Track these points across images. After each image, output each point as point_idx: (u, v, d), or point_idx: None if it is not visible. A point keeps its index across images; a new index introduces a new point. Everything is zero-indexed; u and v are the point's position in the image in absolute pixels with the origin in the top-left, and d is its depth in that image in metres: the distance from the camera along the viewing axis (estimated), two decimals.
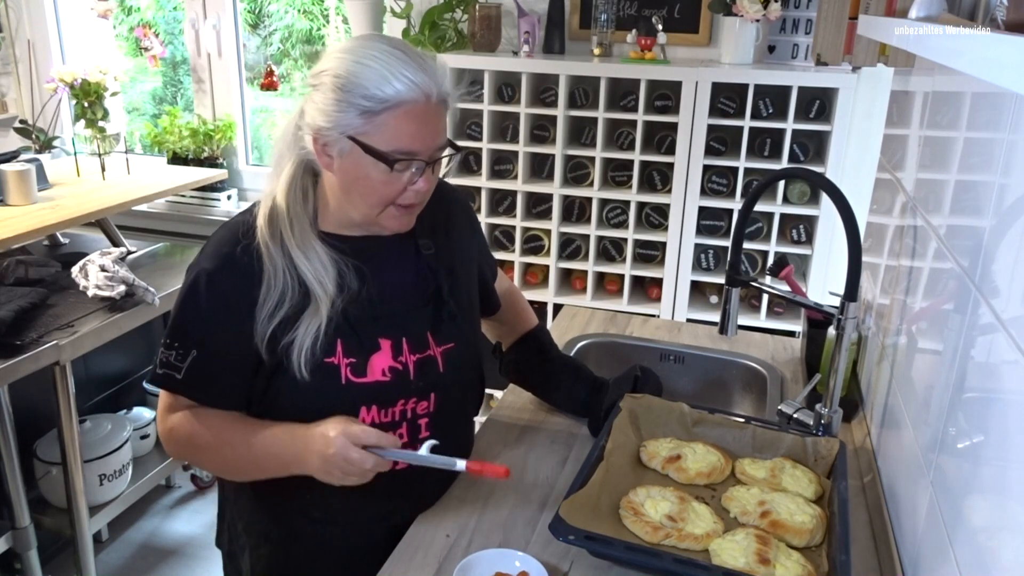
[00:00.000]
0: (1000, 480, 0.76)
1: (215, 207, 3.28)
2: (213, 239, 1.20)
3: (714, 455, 1.32)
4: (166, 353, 1.17)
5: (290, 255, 1.14)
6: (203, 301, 1.16)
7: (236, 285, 1.15)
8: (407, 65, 1.07)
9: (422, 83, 1.07)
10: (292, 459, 1.12)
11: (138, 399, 2.62)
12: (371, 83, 1.06)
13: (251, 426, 1.17)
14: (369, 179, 1.11)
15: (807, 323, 1.72)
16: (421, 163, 1.11)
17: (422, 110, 1.09)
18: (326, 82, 1.09)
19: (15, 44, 3.35)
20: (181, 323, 1.18)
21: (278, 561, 1.28)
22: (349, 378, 1.17)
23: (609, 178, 2.56)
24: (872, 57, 1.79)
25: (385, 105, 1.07)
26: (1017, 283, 0.76)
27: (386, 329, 1.20)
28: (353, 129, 1.08)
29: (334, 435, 1.07)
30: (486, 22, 2.59)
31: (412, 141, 1.09)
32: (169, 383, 1.18)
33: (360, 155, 1.09)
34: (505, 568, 1.09)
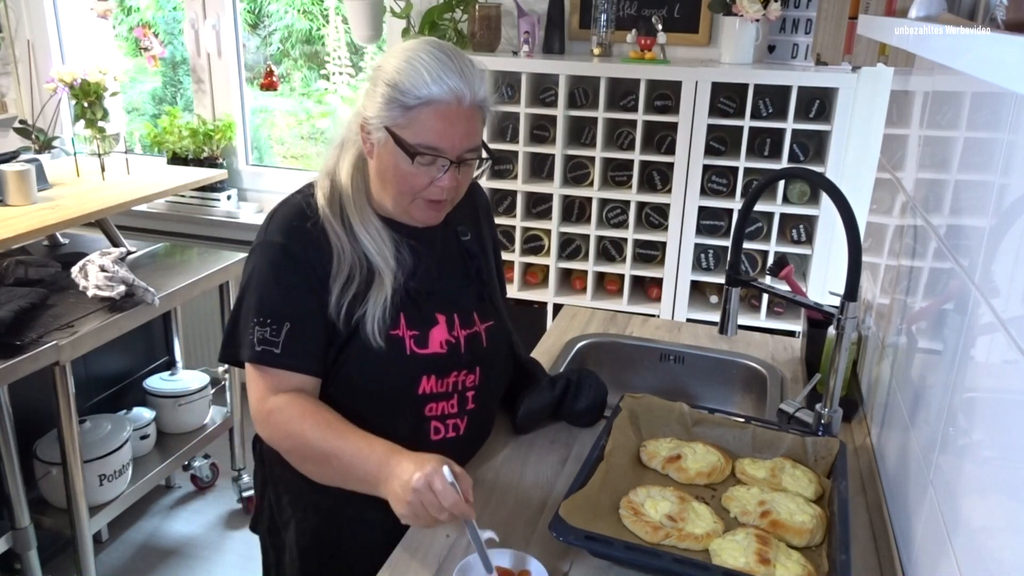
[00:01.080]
0: (1000, 480, 0.76)
1: (215, 207, 3.28)
2: (277, 216, 1.25)
3: (714, 455, 1.32)
4: (260, 330, 1.19)
5: (352, 231, 1.22)
6: (287, 273, 1.21)
7: (311, 257, 1.21)
8: (446, 68, 1.15)
9: (455, 86, 1.15)
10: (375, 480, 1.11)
11: (138, 399, 2.62)
12: (410, 81, 1.15)
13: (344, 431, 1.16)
14: (399, 169, 1.19)
15: (807, 323, 1.72)
16: (445, 161, 1.18)
17: (452, 111, 1.16)
18: (379, 77, 1.19)
19: (15, 44, 3.35)
20: (268, 297, 1.20)
21: (326, 531, 1.30)
22: (413, 349, 1.25)
23: (609, 178, 2.56)
24: (872, 57, 1.79)
25: (419, 102, 1.15)
26: (1017, 283, 0.76)
27: (441, 305, 1.29)
28: (391, 121, 1.17)
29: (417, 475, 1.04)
30: (486, 22, 2.59)
31: (438, 138, 1.17)
32: (268, 359, 1.19)
33: (393, 146, 1.18)
34: (505, 568, 1.09)
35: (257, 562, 1.44)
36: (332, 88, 3.44)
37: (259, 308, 1.20)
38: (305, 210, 1.23)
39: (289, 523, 1.32)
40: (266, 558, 1.42)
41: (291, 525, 1.32)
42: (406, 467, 1.07)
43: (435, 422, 1.29)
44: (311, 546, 1.30)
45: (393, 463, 1.09)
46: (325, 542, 1.30)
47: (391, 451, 1.11)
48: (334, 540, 1.30)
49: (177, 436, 2.60)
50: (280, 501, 1.34)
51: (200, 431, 2.64)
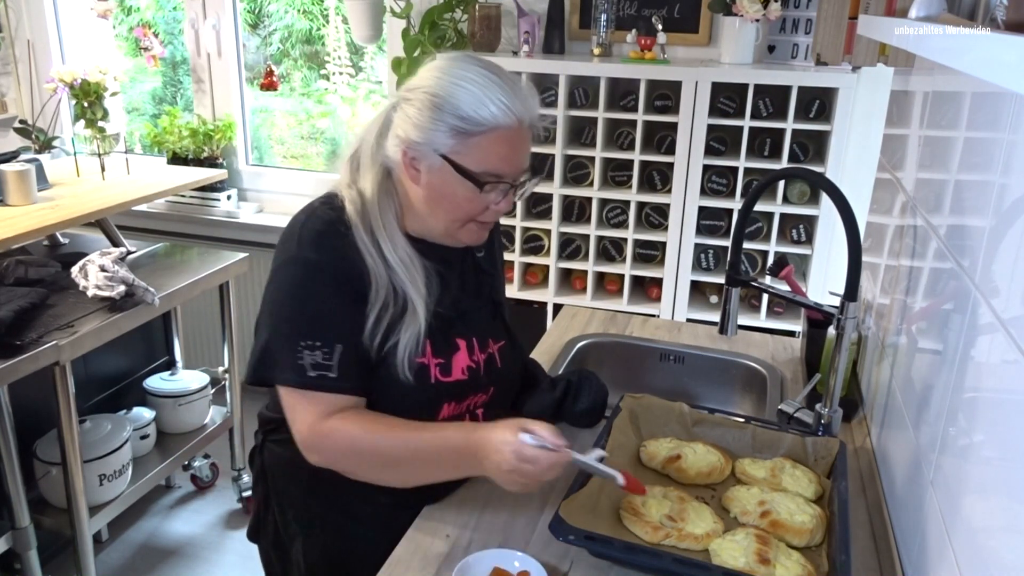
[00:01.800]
0: (1000, 480, 0.76)
1: (215, 207, 3.28)
2: (308, 230, 1.18)
3: (714, 455, 1.32)
4: (310, 355, 1.13)
5: (383, 256, 1.17)
6: (329, 292, 1.15)
7: (351, 278, 1.16)
8: (502, 90, 1.12)
9: (516, 109, 1.12)
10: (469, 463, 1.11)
11: (138, 399, 2.62)
12: (467, 105, 1.11)
13: (413, 428, 1.16)
14: (455, 196, 1.15)
15: (807, 323, 1.72)
16: (507, 185, 1.16)
17: (514, 135, 1.14)
18: (422, 99, 1.13)
19: (15, 44, 3.35)
20: (315, 319, 1.15)
21: (333, 548, 1.28)
22: (438, 377, 1.22)
23: (609, 178, 2.56)
24: (872, 57, 1.79)
25: (480, 128, 1.11)
26: (1017, 283, 0.76)
27: (462, 330, 1.26)
28: (446, 148, 1.13)
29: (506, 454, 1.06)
30: (486, 22, 2.59)
31: (502, 164, 1.14)
32: (326, 384, 1.14)
33: (449, 173, 1.13)
34: (505, 568, 1.09)
35: (257, 562, 1.43)
36: (332, 88, 3.44)
37: (306, 331, 1.14)
38: (338, 226, 1.17)
39: (295, 539, 1.31)
40: (270, 570, 1.40)
41: (297, 540, 1.30)
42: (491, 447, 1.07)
43: None
44: (319, 562, 1.29)
45: (475, 445, 1.09)
46: (333, 559, 1.29)
47: (467, 434, 1.11)
48: (342, 556, 1.28)
49: (177, 436, 2.60)
50: (285, 516, 1.32)
51: (200, 431, 2.64)
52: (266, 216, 3.33)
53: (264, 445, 1.34)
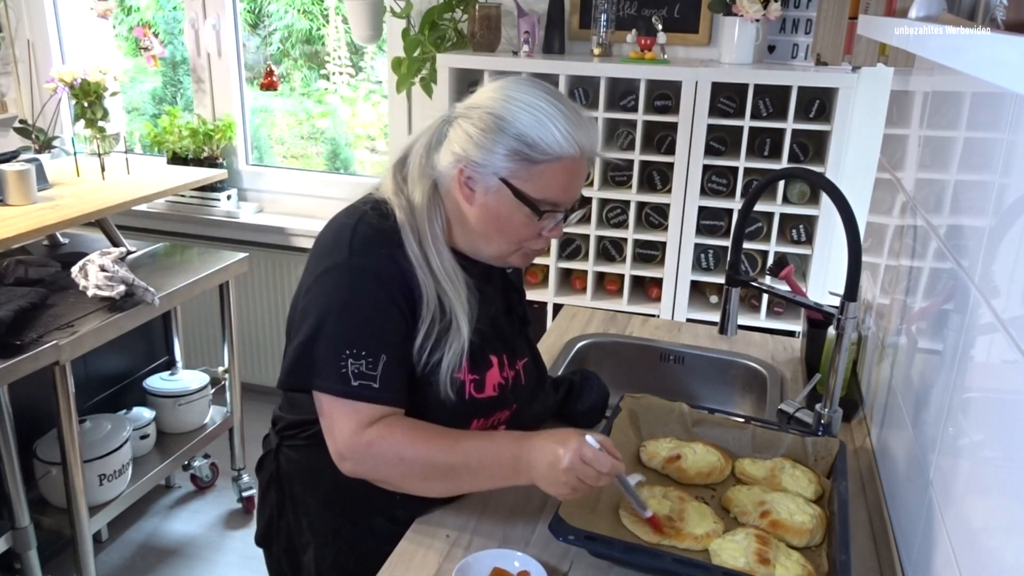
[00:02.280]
0: (1000, 480, 0.76)
1: (215, 207, 3.28)
2: (357, 236, 1.16)
3: (714, 455, 1.32)
4: (355, 363, 1.11)
5: (431, 268, 1.16)
6: (379, 302, 1.13)
7: (403, 288, 1.15)
8: (567, 119, 1.12)
9: (581, 141, 1.13)
10: (517, 471, 1.10)
11: (138, 399, 2.62)
12: (534, 132, 1.11)
13: (461, 436, 1.14)
14: (511, 221, 1.15)
15: (807, 323, 1.72)
16: (562, 213, 1.17)
17: (576, 166, 1.15)
18: (485, 120, 1.13)
19: (15, 44, 3.35)
20: (362, 328, 1.13)
21: (345, 560, 1.27)
22: (472, 394, 1.22)
23: (609, 178, 2.56)
24: (872, 57, 1.79)
25: (547, 157, 1.11)
26: (1017, 283, 0.76)
27: (494, 347, 1.26)
28: (507, 171, 1.12)
29: (564, 453, 1.05)
30: (486, 22, 2.59)
31: (561, 193, 1.15)
32: (368, 394, 1.12)
33: (507, 197, 1.13)
34: (505, 568, 1.09)
35: (257, 562, 1.43)
36: (332, 88, 3.44)
37: (352, 339, 1.12)
38: (389, 234, 1.16)
39: (308, 546, 1.30)
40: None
41: (310, 548, 1.29)
42: (546, 450, 1.07)
43: None
44: (331, 571, 1.28)
45: (527, 451, 1.08)
46: (345, 570, 1.28)
47: (518, 441, 1.10)
48: (354, 568, 1.27)
49: (177, 436, 2.60)
50: (299, 524, 1.31)
51: (200, 431, 2.64)
52: (266, 216, 3.33)
53: (279, 449, 1.32)
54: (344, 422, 1.13)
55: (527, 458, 1.09)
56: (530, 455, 1.08)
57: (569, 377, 1.50)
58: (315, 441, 1.22)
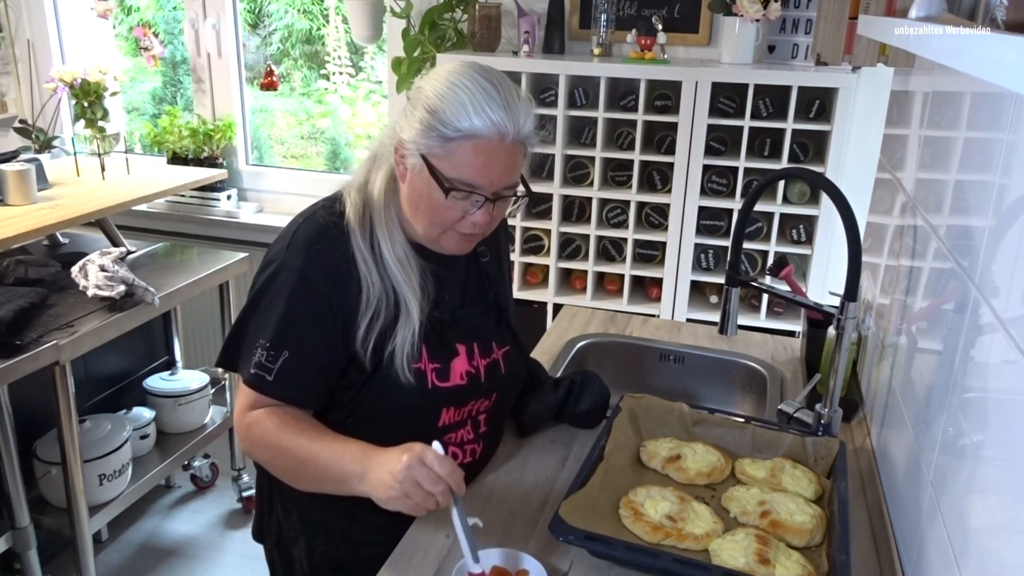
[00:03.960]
0: (1000, 480, 0.76)
1: (215, 207, 3.28)
2: (300, 235, 1.20)
3: (714, 455, 1.32)
4: (260, 352, 1.17)
5: (380, 254, 1.17)
6: (298, 302, 1.17)
7: (332, 289, 1.17)
8: (491, 101, 1.10)
9: (499, 121, 1.10)
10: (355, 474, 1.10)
11: (138, 399, 2.62)
12: (451, 110, 1.10)
13: (321, 435, 1.16)
14: (432, 200, 1.15)
15: (807, 323, 1.72)
16: (480, 197, 1.14)
17: (493, 147, 1.12)
18: (417, 99, 1.15)
19: (15, 44, 3.35)
20: (274, 322, 1.17)
21: (335, 551, 1.28)
22: (434, 383, 1.22)
23: (609, 178, 2.56)
24: (872, 57, 1.79)
25: (459, 134, 1.10)
26: (1017, 283, 0.76)
27: (461, 335, 1.26)
28: (427, 149, 1.13)
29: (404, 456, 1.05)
30: (486, 22, 2.59)
31: (475, 174, 1.13)
32: (259, 384, 1.17)
33: (427, 175, 1.14)
34: (505, 567, 1.09)
35: (257, 561, 1.43)
36: (332, 88, 3.44)
37: (264, 331, 1.17)
38: (332, 231, 1.18)
39: (299, 539, 1.31)
40: (274, 571, 1.40)
41: (300, 541, 1.30)
42: (390, 455, 1.07)
43: (453, 448, 1.29)
44: (322, 563, 1.29)
45: (372, 454, 1.09)
46: (336, 560, 1.29)
47: (367, 447, 1.12)
48: (345, 559, 1.28)
49: (177, 436, 2.60)
50: (289, 517, 1.32)
51: (200, 431, 2.64)
52: (266, 216, 3.33)
53: None
54: (238, 402, 1.21)
55: (367, 464, 1.08)
56: (372, 460, 1.08)
57: (569, 377, 1.50)
58: None
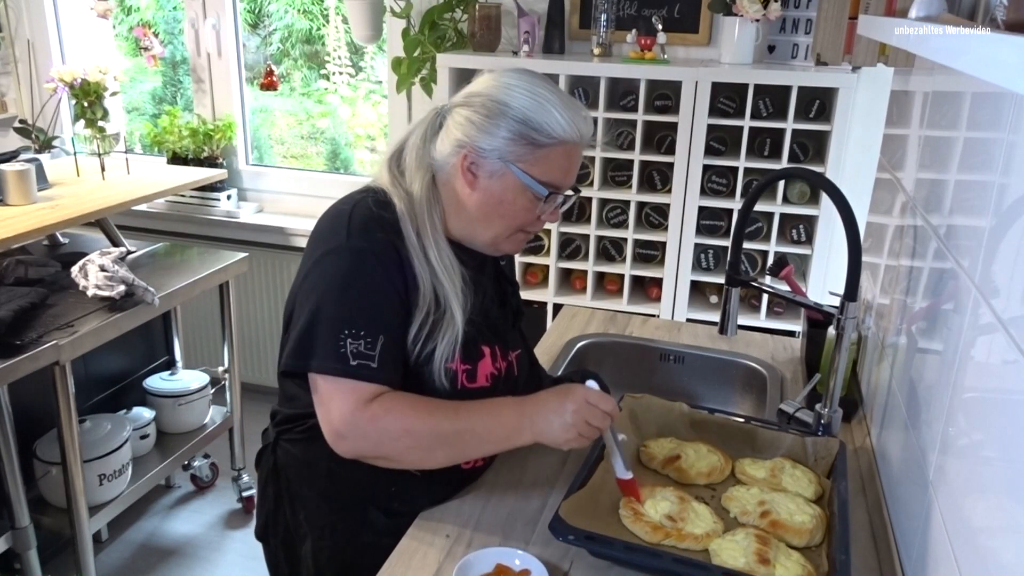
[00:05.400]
0: (1000, 480, 0.76)
1: (215, 207, 3.28)
2: (355, 221, 1.17)
3: (714, 455, 1.32)
4: (353, 343, 1.12)
5: (428, 258, 1.18)
6: (378, 283, 1.15)
7: (401, 275, 1.17)
8: (567, 106, 1.17)
9: (580, 126, 1.18)
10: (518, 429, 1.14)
11: (138, 399, 2.62)
12: (539, 117, 1.15)
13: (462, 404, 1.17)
14: (513, 205, 1.19)
15: (807, 323, 1.72)
16: (560, 197, 1.21)
17: (575, 151, 1.20)
18: (488, 106, 1.17)
19: (15, 44, 3.35)
20: (361, 308, 1.14)
21: (342, 554, 1.28)
22: (463, 384, 1.23)
23: (609, 178, 2.56)
24: (872, 57, 1.79)
25: (551, 141, 1.16)
26: (1017, 283, 0.76)
27: (487, 337, 1.27)
28: (514, 156, 1.16)
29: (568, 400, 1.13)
30: (486, 22, 2.59)
31: (563, 177, 1.20)
32: (365, 373, 1.13)
33: (511, 180, 1.17)
34: (506, 566, 1.09)
35: (257, 561, 1.43)
36: (332, 88, 3.44)
37: (351, 319, 1.13)
38: (386, 221, 1.17)
39: (305, 539, 1.30)
40: (278, 570, 1.39)
41: (307, 541, 1.30)
42: (549, 402, 1.14)
43: None
44: (328, 564, 1.29)
45: (527, 407, 1.14)
46: (343, 562, 1.28)
47: (518, 401, 1.16)
48: (352, 561, 1.27)
49: (177, 436, 2.60)
50: (297, 517, 1.31)
51: (200, 431, 2.64)
52: (266, 216, 3.33)
53: (277, 443, 1.33)
54: (341, 401, 1.13)
55: (530, 416, 1.14)
56: (534, 412, 1.14)
57: (569, 377, 1.50)
58: (312, 435, 1.23)
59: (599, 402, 1.13)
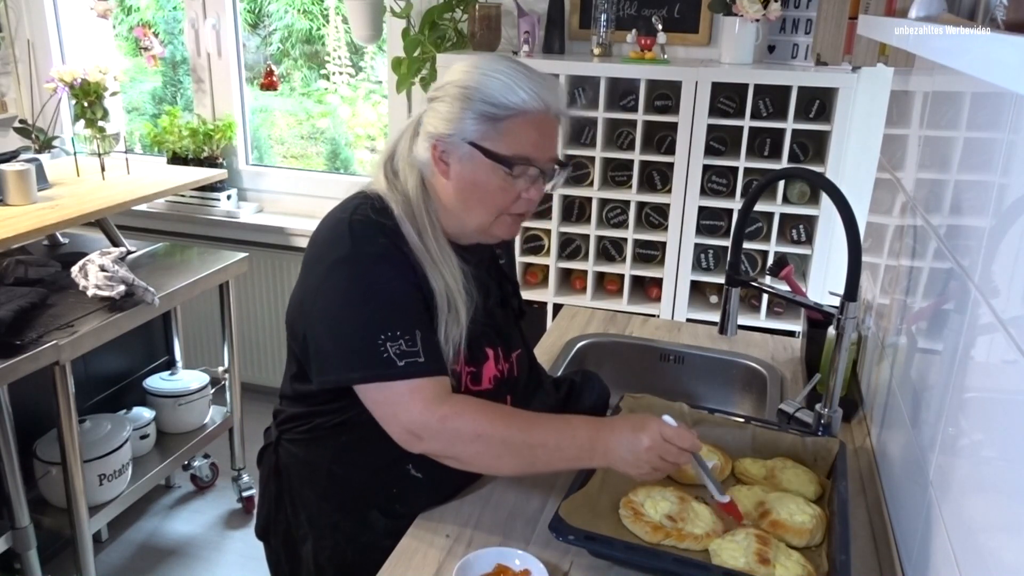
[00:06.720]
0: (1000, 480, 0.76)
1: (215, 207, 3.28)
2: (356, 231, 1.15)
3: (714, 455, 1.32)
4: (393, 345, 1.10)
5: (431, 257, 1.17)
6: (398, 281, 1.14)
7: (411, 274, 1.16)
8: (533, 80, 1.15)
9: (546, 97, 1.15)
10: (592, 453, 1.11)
11: (138, 399, 2.62)
12: (497, 91, 1.14)
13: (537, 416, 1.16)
14: (487, 185, 1.17)
15: (807, 323, 1.72)
16: (537, 171, 1.18)
17: (541, 120, 1.16)
18: (451, 92, 1.16)
19: (15, 44, 3.35)
20: (391, 309, 1.12)
21: (342, 554, 1.28)
22: (468, 386, 1.22)
23: (609, 178, 2.56)
24: (872, 57, 1.79)
25: (509, 112, 1.14)
26: (1017, 283, 0.76)
27: (490, 338, 1.26)
28: (476, 135, 1.15)
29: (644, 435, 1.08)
30: (486, 22, 2.59)
31: (532, 149, 1.16)
32: (416, 370, 1.11)
33: (480, 161, 1.15)
34: (506, 567, 1.09)
35: (257, 562, 1.43)
36: (332, 88, 3.44)
37: (382, 324, 1.11)
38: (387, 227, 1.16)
39: (306, 539, 1.30)
40: (278, 570, 1.39)
41: (308, 541, 1.30)
42: (624, 435, 1.09)
43: None
44: (328, 565, 1.29)
45: (605, 434, 1.10)
46: (343, 563, 1.28)
47: (595, 425, 1.12)
48: (351, 563, 1.28)
49: (177, 436, 2.60)
50: (298, 517, 1.31)
51: (200, 431, 2.64)
52: (266, 216, 3.33)
53: (279, 443, 1.33)
54: (408, 403, 1.12)
55: (604, 442, 1.10)
56: (608, 439, 1.10)
57: (570, 377, 1.50)
58: (314, 435, 1.23)
59: (675, 439, 1.08)
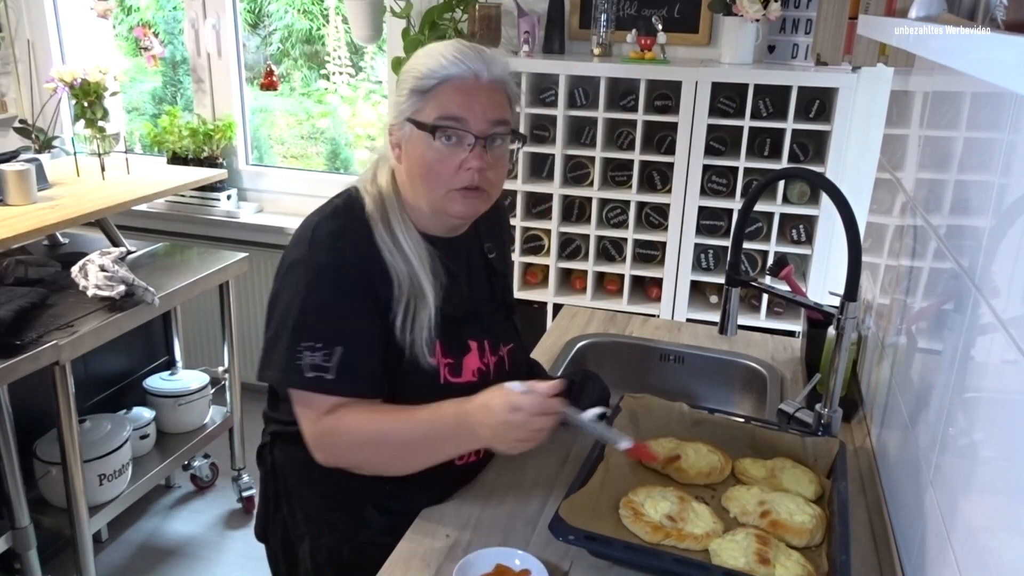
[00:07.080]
0: (1000, 480, 0.76)
1: (215, 207, 3.28)
2: (318, 233, 1.18)
3: (714, 455, 1.32)
4: (310, 356, 1.13)
5: (401, 247, 1.18)
6: (338, 294, 1.16)
7: (370, 278, 1.17)
8: (462, 52, 1.16)
9: (472, 64, 1.15)
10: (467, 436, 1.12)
11: (138, 399, 2.62)
12: (422, 64, 1.16)
13: (410, 411, 1.16)
14: (426, 158, 1.16)
15: (807, 323, 1.72)
16: (471, 136, 1.15)
17: (470, 85, 1.15)
18: (398, 82, 1.20)
19: (15, 44, 3.35)
20: (317, 320, 1.15)
21: (340, 552, 1.28)
22: (447, 378, 1.23)
23: (609, 178, 2.56)
24: (872, 57, 1.79)
25: (435, 81, 1.15)
26: (1017, 283, 0.76)
27: (473, 331, 1.27)
28: (412, 110, 1.17)
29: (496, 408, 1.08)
30: (486, 22, 2.59)
31: (458, 108, 1.14)
32: (320, 384, 1.14)
33: (415, 134, 1.17)
34: (506, 566, 1.09)
35: (257, 561, 1.43)
36: (332, 88, 3.44)
37: (307, 332, 1.14)
38: (352, 225, 1.19)
39: (304, 538, 1.30)
40: (277, 570, 1.39)
41: (305, 541, 1.30)
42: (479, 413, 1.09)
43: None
44: (326, 564, 1.29)
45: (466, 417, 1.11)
46: (341, 562, 1.28)
47: (457, 410, 1.12)
48: (350, 560, 1.28)
49: (177, 436, 2.60)
50: (295, 516, 1.32)
51: (200, 431, 2.64)
52: (266, 216, 3.33)
53: (274, 443, 1.34)
54: (305, 414, 1.18)
55: (469, 416, 1.11)
56: (472, 418, 1.10)
57: (569, 377, 1.50)
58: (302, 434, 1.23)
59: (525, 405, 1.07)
